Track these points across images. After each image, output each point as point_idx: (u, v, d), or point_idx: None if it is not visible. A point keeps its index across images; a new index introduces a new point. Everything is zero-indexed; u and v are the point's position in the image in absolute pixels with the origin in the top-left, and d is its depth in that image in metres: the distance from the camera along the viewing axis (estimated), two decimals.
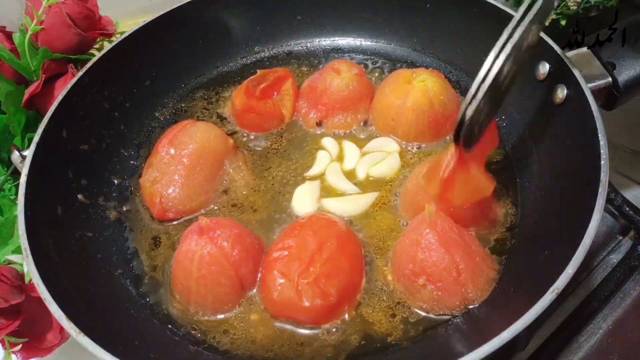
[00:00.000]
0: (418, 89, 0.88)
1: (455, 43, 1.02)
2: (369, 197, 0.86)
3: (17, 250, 0.85)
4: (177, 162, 0.85)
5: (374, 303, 0.75)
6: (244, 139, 0.96)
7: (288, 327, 0.73)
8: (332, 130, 0.96)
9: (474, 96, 0.63)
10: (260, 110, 0.95)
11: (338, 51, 1.10)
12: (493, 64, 0.62)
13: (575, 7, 0.96)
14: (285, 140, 0.96)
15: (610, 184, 0.69)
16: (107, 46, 0.94)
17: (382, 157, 0.90)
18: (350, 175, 0.90)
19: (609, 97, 0.81)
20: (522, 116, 0.91)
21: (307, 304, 0.70)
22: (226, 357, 0.72)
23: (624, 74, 0.80)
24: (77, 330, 0.62)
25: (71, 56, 0.99)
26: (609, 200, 0.91)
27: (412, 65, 1.05)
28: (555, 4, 0.69)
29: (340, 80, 0.94)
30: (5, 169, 0.94)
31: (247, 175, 0.90)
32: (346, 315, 0.74)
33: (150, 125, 1.00)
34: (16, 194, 0.81)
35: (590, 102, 0.74)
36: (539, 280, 0.64)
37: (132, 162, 0.94)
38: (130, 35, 0.96)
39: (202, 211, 0.86)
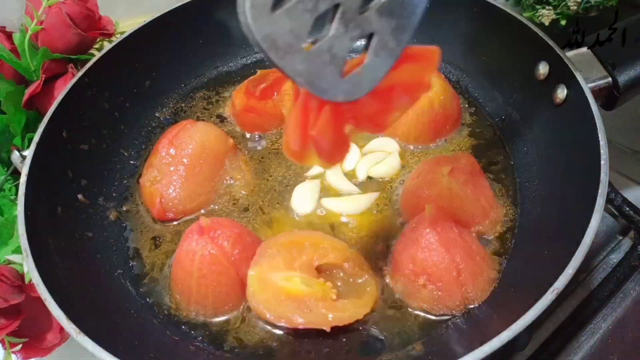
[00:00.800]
0: None
1: (455, 43, 1.01)
2: (369, 197, 0.86)
3: (17, 250, 0.85)
4: (177, 162, 0.85)
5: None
6: (244, 139, 0.96)
7: (288, 327, 0.73)
8: None
9: None
10: (260, 110, 0.95)
11: None
12: None
13: (575, 7, 0.96)
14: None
15: (610, 184, 0.69)
16: (107, 46, 0.94)
17: (382, 157, 0.90)
18: (350, 175, 0.89)
19: (609, 97, 0.81)
20: (521, 116, 0.91)
21: None
22: (226, 357, 0.72)
23: (624, 74, 0.80)
24: (77, 330, 0.62)
25: (71, 56, 0.99)
26: (609, 200, 0.91)
27: None
28: None
29: None
30: (5, 169, 0.94)
31: (247, 175, 0.90)
32: None
33: (150, 126, 1.00)
34: (16, 194, 0.81)
35: (590, 102, 0.74)
36: (539, 280, 0.64)
37: (132, 162, 0.94)
38: (130, 35, 0.96)
39: (202, 211, 0.86)
